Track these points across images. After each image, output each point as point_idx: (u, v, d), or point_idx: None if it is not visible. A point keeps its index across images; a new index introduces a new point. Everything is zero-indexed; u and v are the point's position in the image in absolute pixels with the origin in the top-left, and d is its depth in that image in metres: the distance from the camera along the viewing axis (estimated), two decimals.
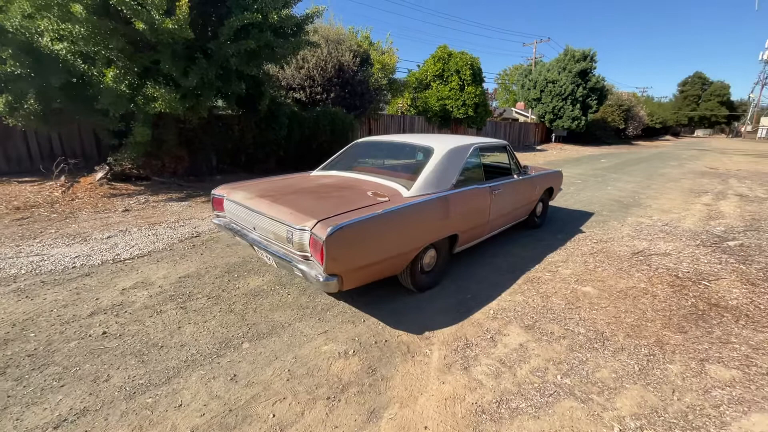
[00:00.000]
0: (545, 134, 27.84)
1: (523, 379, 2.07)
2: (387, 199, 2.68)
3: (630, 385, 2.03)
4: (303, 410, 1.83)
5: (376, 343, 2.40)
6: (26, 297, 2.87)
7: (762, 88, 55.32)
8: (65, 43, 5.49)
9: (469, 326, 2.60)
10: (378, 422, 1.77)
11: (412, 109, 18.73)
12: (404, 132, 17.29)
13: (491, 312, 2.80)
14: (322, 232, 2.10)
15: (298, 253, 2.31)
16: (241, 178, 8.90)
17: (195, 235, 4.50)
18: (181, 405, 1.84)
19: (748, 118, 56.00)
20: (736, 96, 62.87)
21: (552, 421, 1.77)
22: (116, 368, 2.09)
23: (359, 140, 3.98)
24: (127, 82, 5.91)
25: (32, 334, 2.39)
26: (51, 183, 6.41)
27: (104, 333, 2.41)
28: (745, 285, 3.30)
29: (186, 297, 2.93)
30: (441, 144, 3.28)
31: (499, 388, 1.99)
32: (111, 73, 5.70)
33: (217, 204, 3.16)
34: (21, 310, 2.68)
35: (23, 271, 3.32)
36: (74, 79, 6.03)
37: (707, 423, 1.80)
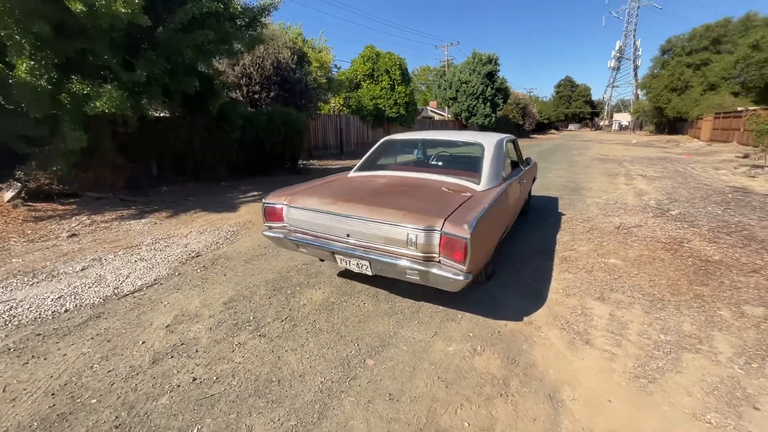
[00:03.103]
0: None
1: (639, 342, 2.32)
2: (470, 194, 2.71)
3: (712, 332, 2.44)
4: (489, 412, 1.79)
5: (491, 335, 2.42)
6: (33, 357, 2.17)
7: (612, 89, 68.77)
8: None
9: (555, 306, 2.79)
10: (565, 404, 1.82)
11: (345, 108, 18.60)
12: (341, 131, 17.09)
13: (560, 291, 3.04)
14: (461, 231, 2.05)
15: (420, 254, 2.20)
16: (190, 189, 7.88)
17: (194, 255, 3.87)
18: None
19: (605, 114, 69.10)
20: (595, 96, 76.82)
21: (693, 372, 2.05)
22: (248, 416, 1.75)
23: (389, 138, 3.88)
24: (47, 75, 4.75)
25: (93, 401, 1.83)
26: None
27: (194, 379, 1.98)
28: (710, 243, 4.17)
29: (255, 323, 2.54)
30: (486, 139, 3.41)
31: (630, 354, 2.21)
32: (24, 64, 4.54)
33: (272, 214, 2.78)
34: (41, 374, 2.02)
35: None
36: None
37: None
